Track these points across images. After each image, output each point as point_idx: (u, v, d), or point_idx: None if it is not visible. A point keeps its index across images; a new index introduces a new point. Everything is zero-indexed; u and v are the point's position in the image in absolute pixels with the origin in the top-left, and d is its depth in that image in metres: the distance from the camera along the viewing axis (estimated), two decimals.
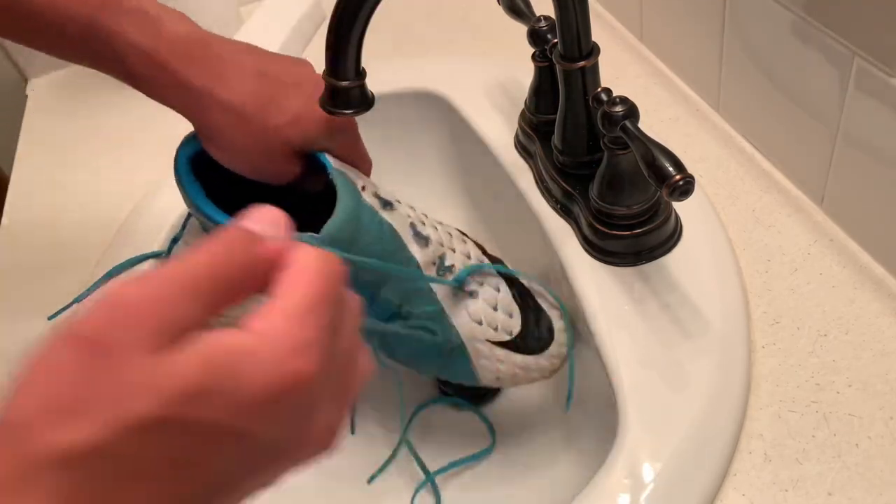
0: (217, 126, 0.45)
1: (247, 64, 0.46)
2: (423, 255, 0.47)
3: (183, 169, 0.46)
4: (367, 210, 0.45)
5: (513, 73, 0.69)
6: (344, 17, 0.43)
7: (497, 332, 0.49)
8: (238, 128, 0.45)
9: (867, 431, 0.43)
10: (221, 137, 0.45)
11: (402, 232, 0.46)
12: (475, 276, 0.50)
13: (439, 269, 0.48)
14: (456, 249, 0.50)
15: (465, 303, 0.49)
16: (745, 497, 0.41)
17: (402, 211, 0.48)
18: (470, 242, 0.52)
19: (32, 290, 0.62)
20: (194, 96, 0.44)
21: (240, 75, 0.45)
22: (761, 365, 0.47)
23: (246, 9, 0.90)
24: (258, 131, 0.45)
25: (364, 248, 0.44)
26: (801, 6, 0.49)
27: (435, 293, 0.48)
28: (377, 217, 0.45)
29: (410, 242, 0.47)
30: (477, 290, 0.49)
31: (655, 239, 0.51)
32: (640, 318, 0.48)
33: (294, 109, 0.46)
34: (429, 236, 0.48)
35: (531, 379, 0.51)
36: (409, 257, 0.46)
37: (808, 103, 0.52)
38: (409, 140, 0.74)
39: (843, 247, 0.52)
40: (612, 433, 0.44)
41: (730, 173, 0.59)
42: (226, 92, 0.44)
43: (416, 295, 0.47)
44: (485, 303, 0.49)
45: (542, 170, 0.57)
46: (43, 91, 0.87)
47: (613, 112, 0.46)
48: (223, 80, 0.44)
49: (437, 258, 0.48)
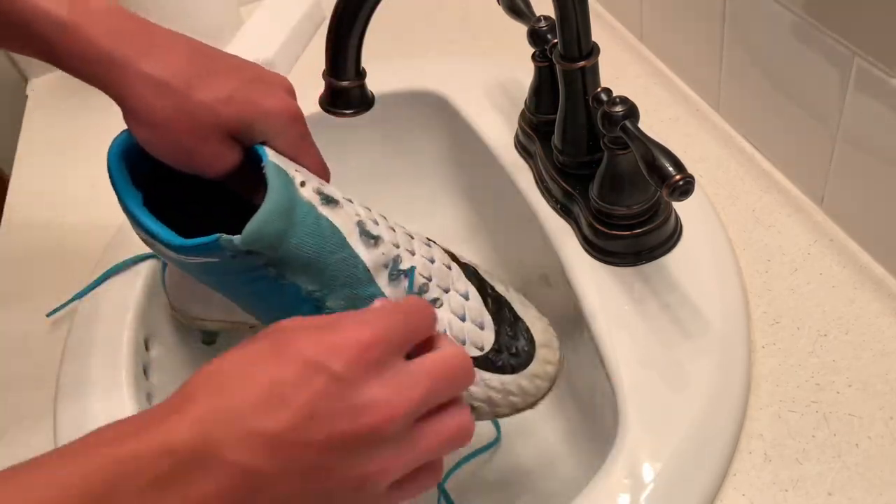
0: (140, 99, 0.42)
1: (180, 43, 0.43)
2: (371, 256, 0.42)
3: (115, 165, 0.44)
4: (302, 205, 0.41)
5: (513, 73, 0.69)
6: (344, 18, 0.43)
7: (465, 346, 0.44)
8: (162, 101, 0.42)
9: (867, 431, 0.43)
10: (143, 111, 0.42)
11: (346, 230, 0.42)
12: (439, 282, 0.45)
13: (392, 272, 0.43)
14: (416, 252, 0.45)
15: None
16: (745, 497, 0.41)
17: (350, 210, 0.43)
18: (436, 247, 0.47)
19: (32, 290, 0.62)
20: (116, 68, 0.41)
21: (168, 50, 0.42)
22: (761, 365, 0.47)
23: (246, 9, 0.90)
24: (184, 104, 0.42)
25: (297, 246, 0.40)
26: (801, 6, 0.49)
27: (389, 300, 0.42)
28: (314, 213, 0.41)
29: (356, 242, 0.42)
30: (440, 297, 0.44)
31: (655, 239, 0.51)
32: (640, 318, 0.48)
33: (228, 89, 0.43)
34: (380, 236, 0.43)
35: (512, 406, 0.45)
36: (352, 256, 0.42)
37: (808, 103, 0.52)
38: (409, 140, 0.74)
39: (843, 247, 0.52)
40: (612, 433, 0.44)
41: (730, 173, 0.59)
42: (150, 65, 0.42)
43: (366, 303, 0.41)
44: (450, 312, 0.44)
45: (542, 170, 0.57)
46: (43, 91, 0.87)
47: (613, 112, 0.46)
48: (149, 54, 0.42)
49: (389, 260, 0.43)
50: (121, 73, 0.41)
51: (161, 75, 0.42)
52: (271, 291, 0.42)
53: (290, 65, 0.81)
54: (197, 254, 0.41)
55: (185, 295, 0.56)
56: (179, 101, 0.42)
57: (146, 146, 0.43)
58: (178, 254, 0.41)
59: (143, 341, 0.55)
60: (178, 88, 0.42)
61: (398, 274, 0.43)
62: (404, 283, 0.43)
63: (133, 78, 0.41)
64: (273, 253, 0.40)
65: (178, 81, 0.42)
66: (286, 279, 0.41)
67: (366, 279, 0.42)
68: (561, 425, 0.58)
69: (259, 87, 0.44)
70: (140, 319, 0.56)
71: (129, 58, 0.41)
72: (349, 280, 0.42)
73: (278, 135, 0.44)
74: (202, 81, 0.42)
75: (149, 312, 0.57)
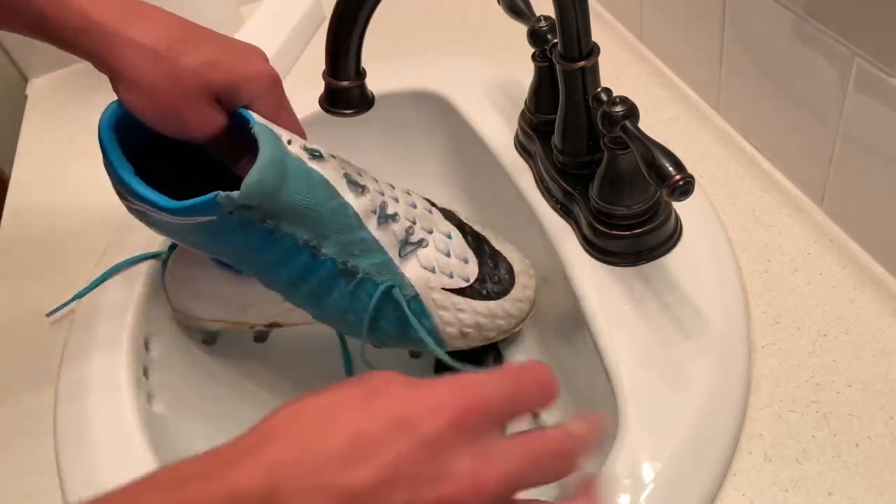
0: (129, 65, 0.43)
1: (165, 14, 0.45)
2: (360, 203, 0.45)
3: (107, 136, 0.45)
4: (293, 160, 0.44)
5: (513, 73, 0.69)
6: (344, 18, 0.43)
7: (453, 278, 0.47)
8: (150, 66, 0.43)
9: (867, 431, 0.43)
10: (133, 77, 0.43)
11: (335, 181, 0.45)
12: (423, 225, 0.48)
13: (380, 217, 0.46)
14: (399, 200, 0.48)
15: (414, 252, 0.47)
16: (745, 497, 0.41)
17: (336, 164, 0.46)
18: (415, 195, 0.51)
19: (32, 289, 0.62)
20: (105, 36, 0.43)
21: (154, 19, 0.44)
22: (761, 365, 0.47)
23: (246, 9, 0.90)
24: (172, 69, 0.43)
25: (291, 198, 0.43)
26: (801, 6, 0.49)
27: (379, 242, 0.46)
28: (304, 167, 0.44)
29: (345, 191, 0.45)
30: (425, 237, 0.48)
31: (655, 239, 0.51)
32: (640, 318, 0.48)
33: (212, 54, 0.45)
34: (366, 185, 0.46)
35: (499, 328, 0.49)
36: (343, 204, 0.45)
37: (808, 103, 0.52)
38: (409, 140, 0.74)
39: (843, 247, 0.52)
40: (612, 433, 0.44)
41: (730, 173, 0.59)
42: (137, 32, 0.43)
43: (359, 246, 0.45)
44: (436, 250, 0.48)
45: (542, 170, 0.57)
46: (43, 91, 0.87)
47: (613, 112, 0.46)
48: (136, 22, 0.43)
49: (377, 207, 0.46)
50: (110, 42, 0.43)
51: (149, 42, 0.43)
52: (267, 243, 0.44)
53: (290, 65, 0.81)
54: (195, 213, 0.42)
55: (186, 295, 0.56)
56: (168, 67, 0.43)
57: (136, 112, 0.44)
58: (175, 216, 0.43)
59: (143, 341, 0.55)
60: (166, 55, 0.43)
61: (386, 218, 0.46)
62: (392, 226, 0.46)
63: (123, 45, 0.43)
64: (269, 205, 0.42)
65: (165, 47, 0.43)
66: (281, 231, 0.43)
67: (356, 225, 0.45)
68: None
69: (239, 53, 0.46)
70: (140, 319, 0.56)
71: (117, 26, 0.43)
72: (341, 227, 0.45)
73: (260, 96, 0.46)
74: (188, 48, 0.44)
75: (149, 312, 0.57)
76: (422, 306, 0.47)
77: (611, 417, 0.45)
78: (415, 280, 0.47)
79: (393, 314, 0.47)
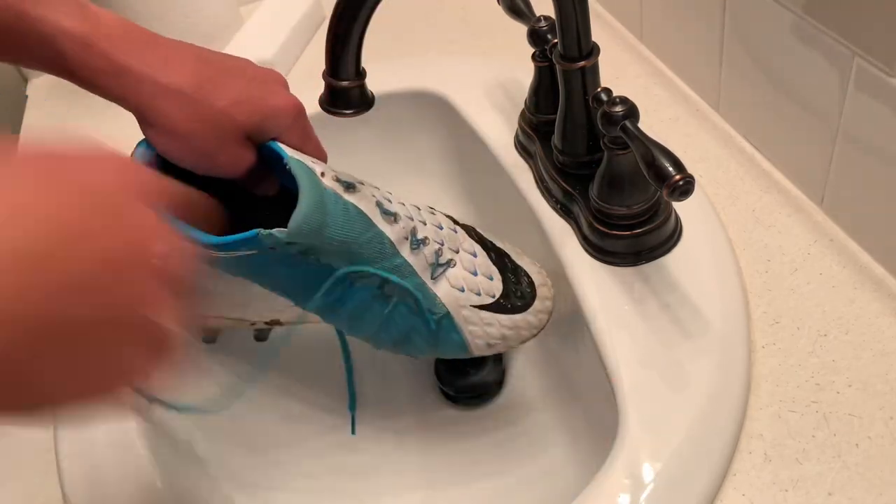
0: (161, 111, 0.43)
1: (185, 50, 0.45)
2: (394, 232, 0.47)
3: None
4: (330, 196, 0.44)
5: (513, 73, 0.69)
6: (344, 18, 0.43)
7: (480, 296, 0.49)
8: (181, 111, 0.43)
9: (867, 431, 0.43)
10: (166, 123, 0.43)
11: (370, 211, 0.46)
12: (450, 245, 0.50)
13: (412, 243, 0.48)
14: (427, 222, 0.50)
15: (444, 273, 0.49)
16: (745, 497, 0.41)
17: (367, 192, 0.47)
18: (439, 213, 0.52)
19: None
20: (134, 81, 0.42)
21: (180, 60, 0.44)
22: (761, 365, 0.47)
23: (246, 9, 0.90)
24: (203, 112, 0.43)
25: (333, 234, 0.44)
26: (801, 6, 0.49)
27: (413, 266, 0.47)
28: (341, 201, 0.45)
29: (380, 221, 0.46)
30: (453, 258, 0.49)
31: (655, 239, 0.51)
32: (640, 318, 0.48)
33: (236, 92, 0.44)
34: (397, 212, 0.48)
35: (521, 338, 0.51)
36: (379, 234, 0.46)
37: (809, 103, 0.52)
38: (409, 140, 0.74)
39: (843, 247, 0.52)
40: (612, 433, 0.44)
41: (730, 173, 0.59)
42: (166, 76, 0.43)
43: (394, 272, 0.47)
44: (463, 269, 0.50)
45: (542, 170, 0.57)
46: (43, 91, 0.87)
47: (613, 112, 0.46)
48: (164, 65, 0.43)
49: (408, 233, 0.48)
50: (138, 86, 0.42)
51: (177, 84, 0.43)
52: (305, 274, 0.45)
53: (290, 65, 0.81)
54: (236, 249, 0.43)
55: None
56: (200, 111, 0.43)
57: (168, 155, 0.45)
58: (218, 251, 0.43)
59: None
60: (196, 96, 0.43)
61: (418, 244, 0.48)
62: (424, 250, 0.48)
63: (151, 90, 0.42)
64: (312, 242, 0.43)
65: (194, 89, 0.43)
66: (321, 262, 0.44)
67: (392, 252, 0.46)
68: (561, 425, 0.58)
69: (261, 85, 0.46)
70: None
71: (144, 69, 0.42)
72: (378, 255, 0.46)
73: (287, 130, 0.46)
74: (214, 87, 0.44)
75: None
76: (453, 323, 0.49)
77: (611, 417, 0.45)
78: (446, 300, 0.48)
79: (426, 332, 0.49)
